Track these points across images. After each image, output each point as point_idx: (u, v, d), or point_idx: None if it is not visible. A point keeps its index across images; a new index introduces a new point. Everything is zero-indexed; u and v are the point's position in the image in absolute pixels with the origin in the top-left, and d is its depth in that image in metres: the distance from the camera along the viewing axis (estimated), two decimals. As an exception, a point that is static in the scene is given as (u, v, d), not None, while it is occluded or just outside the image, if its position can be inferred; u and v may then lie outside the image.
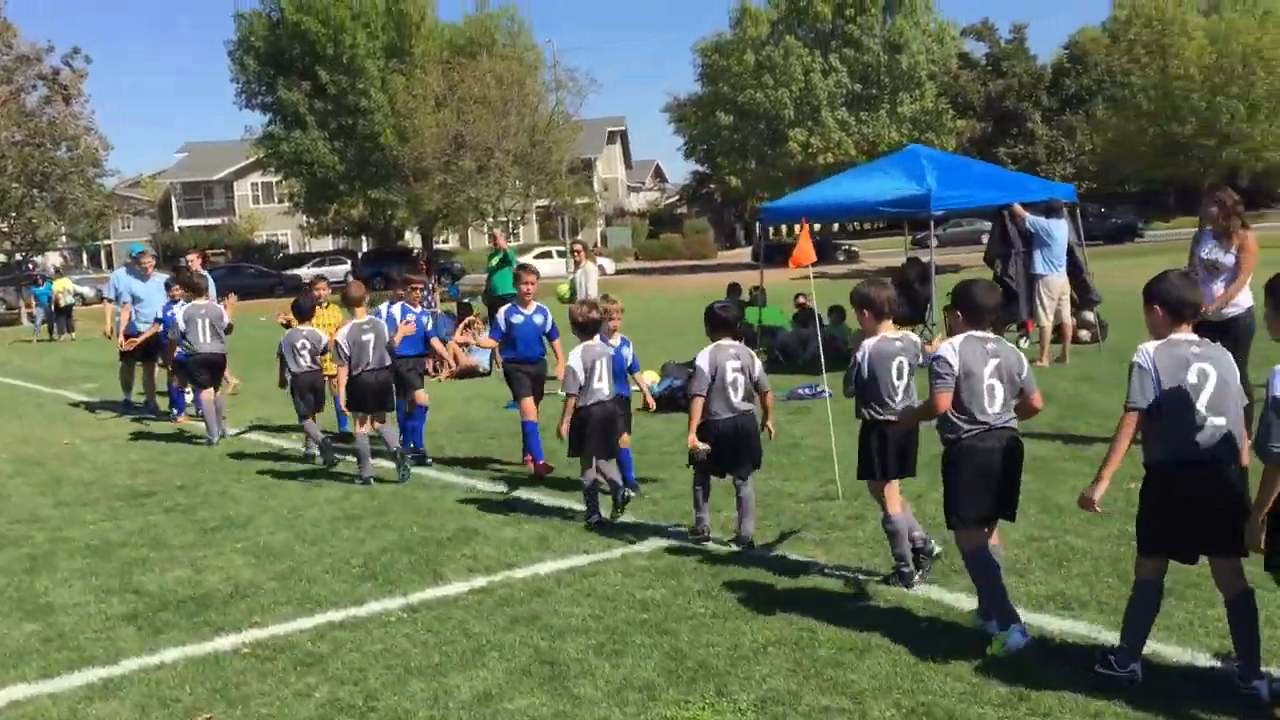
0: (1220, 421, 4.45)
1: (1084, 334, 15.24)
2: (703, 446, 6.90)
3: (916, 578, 6.03)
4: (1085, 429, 9.79)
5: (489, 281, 17.51)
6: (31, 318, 34.89)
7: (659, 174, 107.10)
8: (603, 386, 7.81)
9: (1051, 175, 49.25)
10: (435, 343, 11.32)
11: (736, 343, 7.09)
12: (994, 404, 5.14)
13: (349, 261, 61.52)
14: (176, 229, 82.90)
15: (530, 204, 49.95)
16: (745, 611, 5.83)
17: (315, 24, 49.38)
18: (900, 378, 6.06)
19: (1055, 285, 14.04)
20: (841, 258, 47.86)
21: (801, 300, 16.84)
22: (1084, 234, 15.97)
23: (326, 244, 72.95)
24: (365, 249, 65.97)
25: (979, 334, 5.24)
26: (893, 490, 6.08)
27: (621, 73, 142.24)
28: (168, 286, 13.96)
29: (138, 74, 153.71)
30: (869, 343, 6.11)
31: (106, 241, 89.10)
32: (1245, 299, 8.61)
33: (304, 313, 10.75)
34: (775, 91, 53.40)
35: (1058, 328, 14.16)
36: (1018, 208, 14.42)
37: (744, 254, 63.79)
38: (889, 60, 53.99)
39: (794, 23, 55.76)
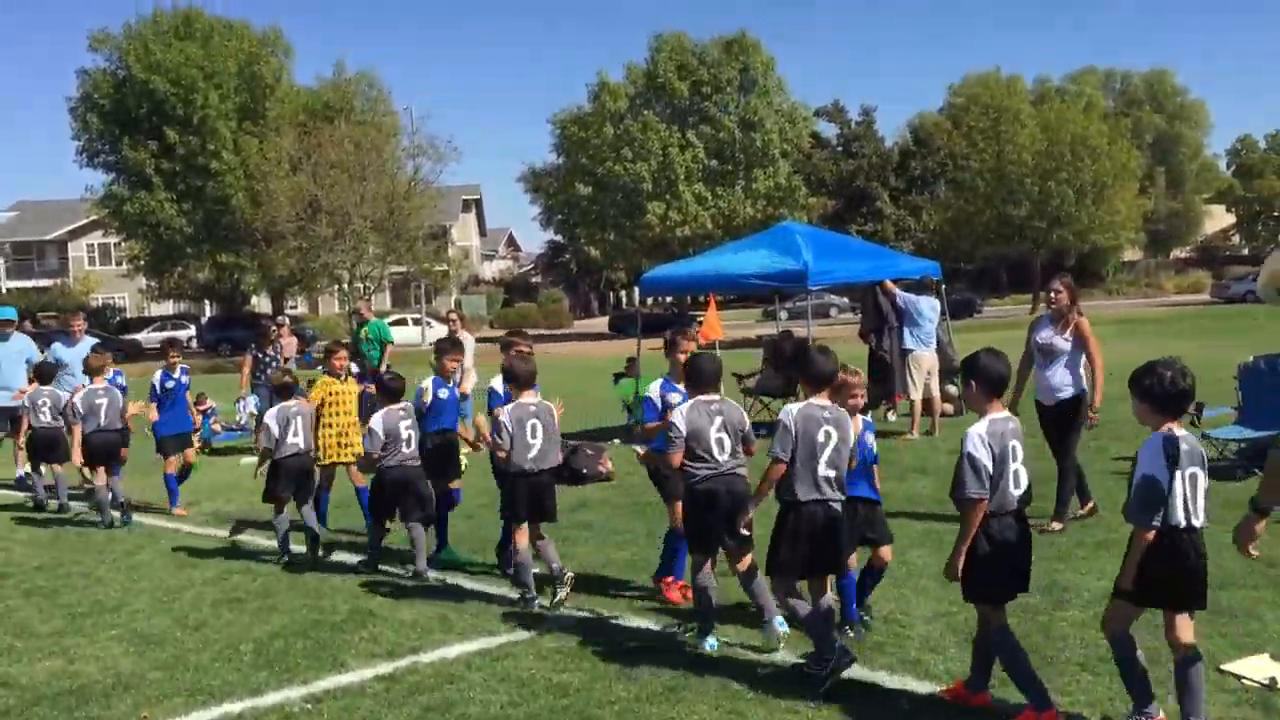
0: (832, 473, 5.78)
1: (948, 407, 15.70)
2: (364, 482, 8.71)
3: (537, 604, 7.27)
4: (968, 501, 10.00)
5: (358, 356, 16.93)
6: None
7: (512, 242, 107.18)
8: (298, 440, 9.15)
9: (898, 252, 51.28)
10: (464, 429, 9.64)
11: (406, 403, 8.60)
12: (722, 453, 6.30)
13: (191, 326, 59.43)
14: (4, 290, 78.74)
15: (386, 270, 49.25)
16: (668, 695, 5.69)
17: (164, 83, 48.02)
18: (534, 436, 7.32)
19: (924, 360, 14.46)
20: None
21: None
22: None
23: (167, 308, 70.38)
24: (209, 314, 63.78)
25: (705, 398, 6.39)
26: (523, 531, 7.33)
27: (474, 141, 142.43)
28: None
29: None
30: (509, 408, 7.41)
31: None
32: (1082, 383, 8.98)
33: (45, 377, 11.93)
34: (634, 164, 54.17)
35: (927, 401, 14.57)
36: (889, 284, 14.86)
37: (600, 323, 64.25)
38: (744, 137, 55.44)
39: (652, 98, 56.81)
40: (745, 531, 6.11)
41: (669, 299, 56.03)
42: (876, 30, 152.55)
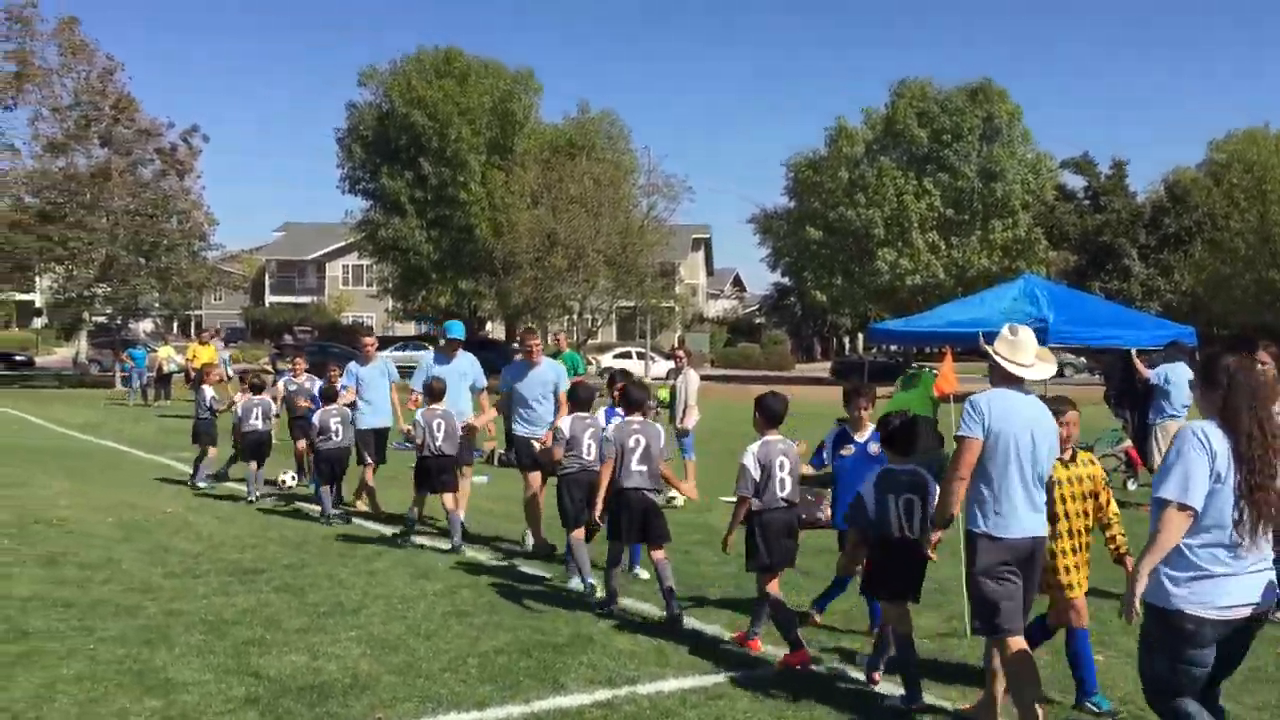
0: (644, 468, 8.11)
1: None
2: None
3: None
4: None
5: None
6: (126, 381, 35.51)
7: (739, 283, 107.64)
8: (257, 424, 13.67)
9: (1145, 314, 48.69)
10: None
11: (341, 405, 12.45)
12: (589, 454, 8.71)
13: (430, 348, 62.29)
14: (267, 304, 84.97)
15: (615, 303, 50.38)
16: (886, 753, 5.59)
17: (423, 117, 50.84)
18: (436, 432, 10.67)
19: (1172, 430, 13.68)
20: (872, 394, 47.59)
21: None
22: (1188, 376, 15.76)
23: (409, 329, 74.11)
24: (448, 337, 66.57)
25: (581, 415, 9.01)
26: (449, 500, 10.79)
27: (706, 182, 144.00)
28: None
29: (243, 151, 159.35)
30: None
31: (197, 311, 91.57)
32: None
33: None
34: (867, 210, 53.58)
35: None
36: (1138, 363, 14.25)
37: (821, 367, 63.54)
38: (983, 187, 54.00)
39: (889, 144, 56.14)
40: (597, 514, 8.22)
41: (893, 346, 54.93)
42: (1133, 76, 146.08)
